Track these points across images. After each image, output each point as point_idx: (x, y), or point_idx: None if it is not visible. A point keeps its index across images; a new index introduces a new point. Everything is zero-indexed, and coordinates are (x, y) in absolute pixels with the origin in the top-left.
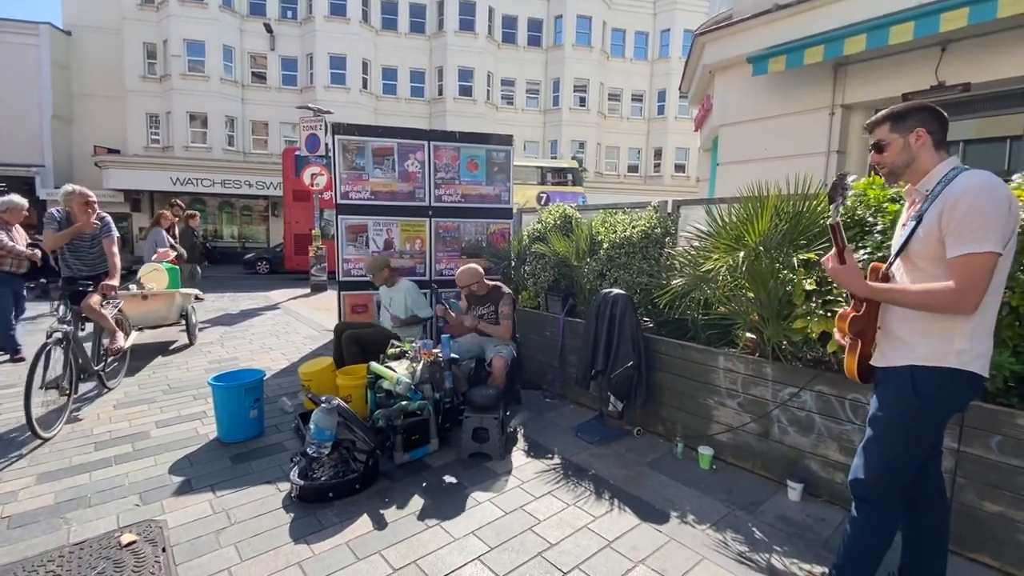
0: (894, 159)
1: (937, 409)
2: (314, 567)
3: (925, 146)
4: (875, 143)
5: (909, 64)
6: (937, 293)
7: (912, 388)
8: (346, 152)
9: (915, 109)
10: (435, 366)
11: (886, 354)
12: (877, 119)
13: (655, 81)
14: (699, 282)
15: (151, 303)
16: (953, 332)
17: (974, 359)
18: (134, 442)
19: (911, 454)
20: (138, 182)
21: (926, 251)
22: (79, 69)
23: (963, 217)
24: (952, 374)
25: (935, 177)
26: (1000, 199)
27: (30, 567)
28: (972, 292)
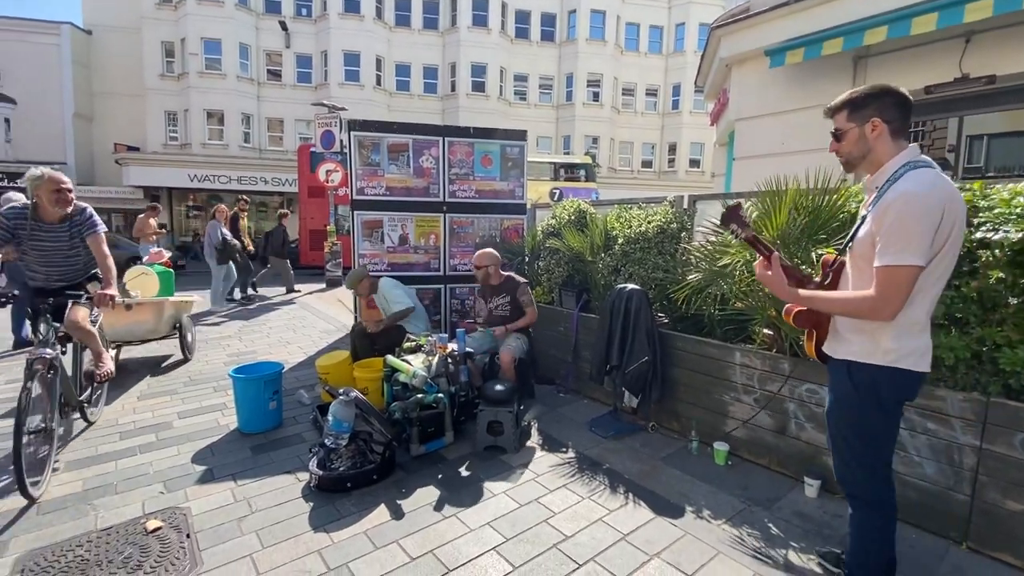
0: (850, 149)
1: (876, 402)
2: (333, 555)
3: (881, 136)
4: (834, 130)
5: (932, 56)
6: (856, 302)
7: (850, 382)
8: (362, 148)
9: (874, 95)
10: (450, 360)
11: (831, 345)
12: (835, 105)
13: (670, 75)
14: (715, 277)
15: (136, 314)
16: (879, 332)
17: (902, 357)
18: (158, 432)
19: (872, 447)
20: (157, 179)
21: (864, 252)
22: (99, 68)
23: (889, 227)
24: (881, 371)
25: (886, 173)
26: (931, 207)
27: (59, 551)
28: (889, 303)
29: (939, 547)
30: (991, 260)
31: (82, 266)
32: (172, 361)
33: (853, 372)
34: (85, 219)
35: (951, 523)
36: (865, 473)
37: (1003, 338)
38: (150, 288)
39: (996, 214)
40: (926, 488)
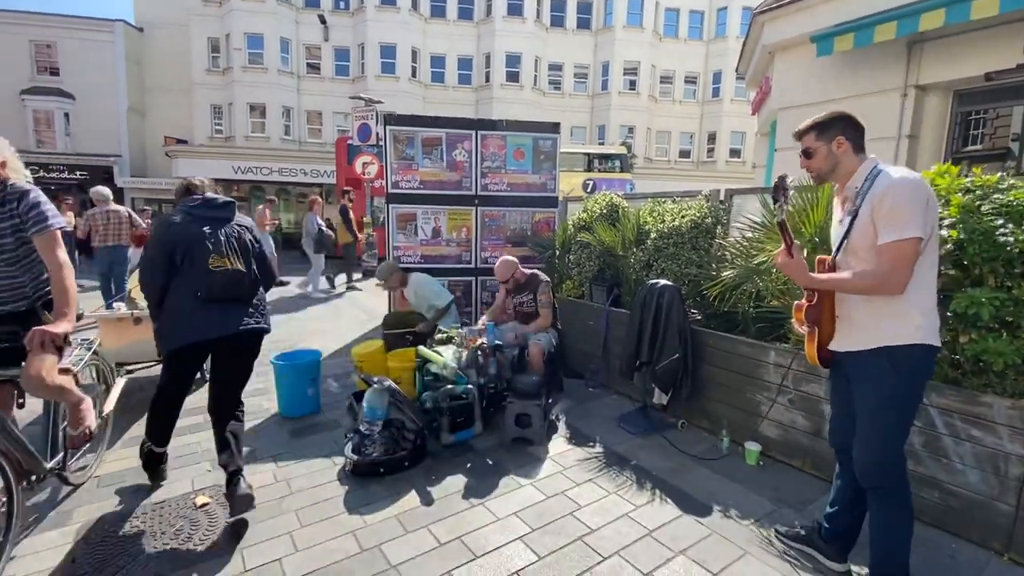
0: (820, 164)
1: (918, 381)
2: (367, 536)
3: (846, 152)
4: (803, 150)
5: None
6: (869, 276)
7: (892, 367)
8: (397, 142)
9: (836, 119)
10: (480, 352)
11: (852, 339)
12: (803, 129)
13: (710, 62)
14: (751, 274)
15: (147, 329)
16: (911, 311)
17: (929, 333)
18: (205, 413)
19: (906, 431)
20: (204, 171)
21: (864, 243)
22: (150, 64)
23: (889, 210)
24: (919, 348)
25: (861, 176)
26: (919, 192)
27: (118, 521)
28: (898, 273)
29: (980, 558)
30: None
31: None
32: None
33: (896, 357)
34: (27, 208)
35: (993, 534)
36: (897, 458)
37: None
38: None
39: None
40: (968, 497)
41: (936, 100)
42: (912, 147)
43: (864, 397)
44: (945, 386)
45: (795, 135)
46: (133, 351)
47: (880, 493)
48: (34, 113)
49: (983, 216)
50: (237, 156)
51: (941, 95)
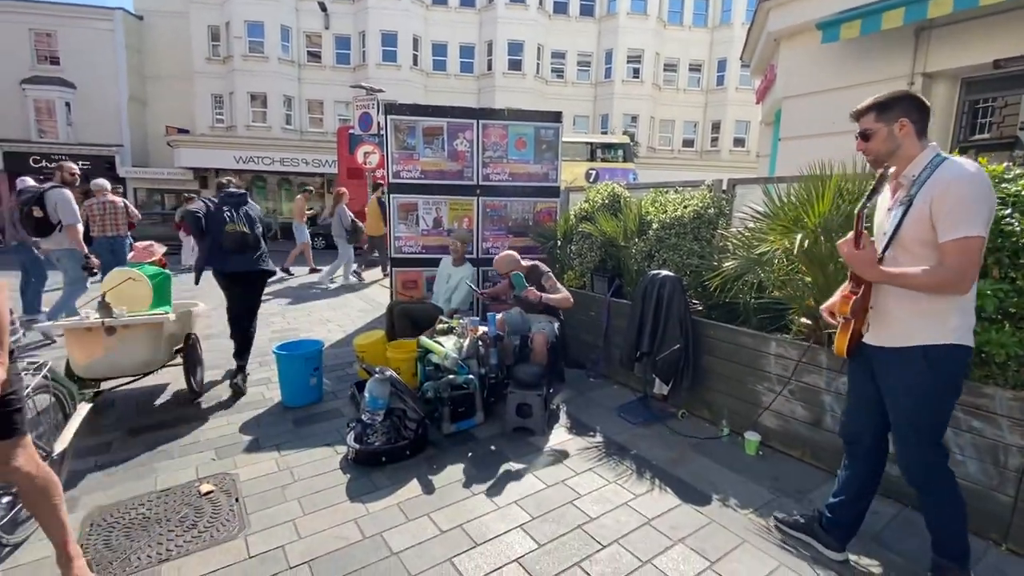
0: (879, 147)
1: (953, 381)
2: (368, 524)
3: (909, 135)
4: (861, 131)
5: (1002, 27)
6: (939, 275)
7: (928, 367)
8: (398, 132)
9: (899, 98)
10: (481, 343)
11: (884, 334)
12: (862, 108)
13: (715, 50)
14: (753, 265)
15: (122, 341)
16: (948, 311)
17: (964, 333)
18: (209, 402)
19: (943, 427)
20: (205, 160)
21: (918, 235)
22: (150, 52)
23: (955, 204)
24: (954, 349)
25: (920, 163)
26: (985, 187)
27: (124, 508)
28: (967, 273)
29: (977, 547)
30: None
31: None
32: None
33: (932, 357)
34: None
35: (992, 524)
36: (937, 454)
37: None
38: (139, 299)
39: None
40: (967, 487)
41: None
42: None
43: (897, 396)
44: None
45: (853, 115)
46: (106, 365)
47: (928, 489)
48: (35, 103)
49: None
50: (238, 146)
51: (948, 83)
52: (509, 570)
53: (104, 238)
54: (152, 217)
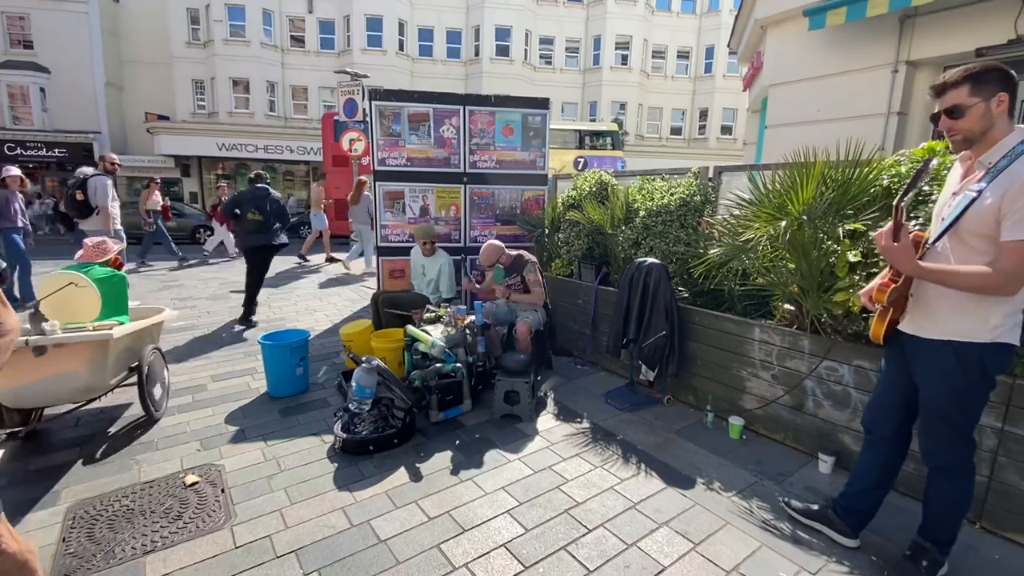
0: (972, 126)
1: (984, 377)
2: (356, 512)
3: (1003, 114)
4: (951, 107)
5: (985, 15)
6: (985, 276)
7: (957, 363)
8: (383, 118)
9: (995, 69)
10: (468, 331)
11: (921, 325)
12: (954, 79)
13: (703, 37)
14: (738, 252)
15: (54, 362)
16: (991, 311)
17: (1006, 332)
18: (193, 394)
19: (975, 419)
20: (187, 148)
21: (979, 228)
22: (128, 36)
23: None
24: (989, 347)
25: (1002, 149)
26: None
27: (107, 501)
28: (1020, 277)
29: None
30: None
31: None
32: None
33: (961, 354)
34: None
35: None
36: (966, 444)
37: None
38: (84, 309)
39: None
40: None
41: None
42: (901, 124)
43: (930, 388)
44: None
45: (935, 88)
46: (36, 393)
47: (944, 473)
48: (8, 88)
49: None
50: (221, 133)
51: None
52: (496, 555)
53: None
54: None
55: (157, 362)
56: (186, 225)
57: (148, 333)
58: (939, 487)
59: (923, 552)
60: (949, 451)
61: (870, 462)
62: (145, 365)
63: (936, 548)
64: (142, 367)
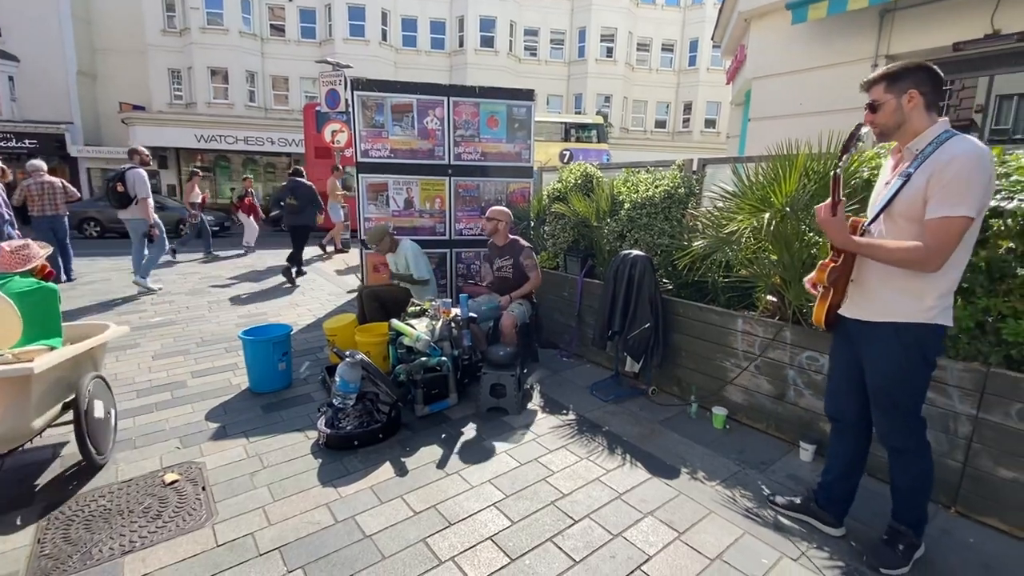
0: (887, 120)
1: (923, 357)
2: (341, 508)
3: (917, 108)
4: (870, 102)
5: (962, 10)
6: (910, 250)
7: (899, 343)
8: (365, 109)
9: (911, 69)
10: (453, 324)
11: (862, 307)
12: (873, 78)
13: (687, 30)
14: (721, 244)
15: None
16: (925, 291)
17: (940, 313)
18: (172, 390)
19: (921, 399)
20: (164, 139)
21: (908, 210)
22: (100, 24)
23: (949, 181)
24: (926, 328)
25: (927, 138)
26: (985, 169)
27: (83, 501)
28: (941, 253)
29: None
30: (1002, 229)
31: None
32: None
33: (901, 332)
34: None
35: (942, 489)
36: (917, 423)
37: (1008, 309)
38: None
39: (1012, 182)
40: None
41: None
42: None
43: (875, 370)
44: None
45: (863, 85)
46: None
47: (903, 455)
48: None
49: None
50: (199, 123)
51: None
52: (483, 548)
53: (43, 217)
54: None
55: (100, 393)
56: (169, 219)
57: (87, 358)
58: (900, 468)
59: (899, 535)
60: (902, 433)
61: (840, 450)
62: (84, 399)
63: (911, 531)
64: (79, 402)
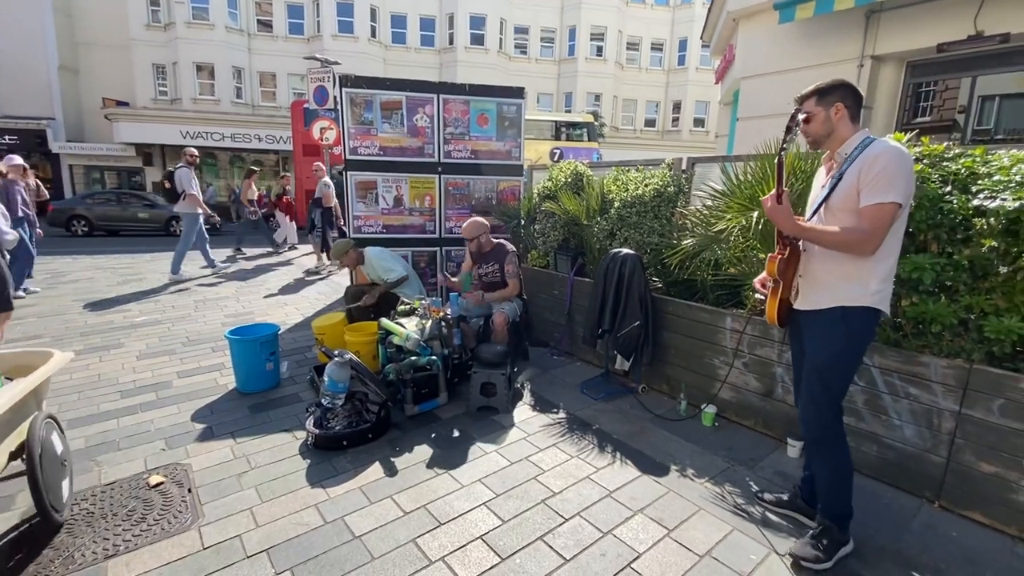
0: (817, 129)
1: (861, 342)
2: (330, 509)
3: (843, 119)
4: (805, 114)
5: (946, 12)
6: (848, 233)
7: (844, 326)
8: (354, 106)
9: (837, 86)
10: (443, 323)
11: (811, 298)
12: (805, 94)
13: (676, 29)
14: (710, 243)
15: None
16: (869, 276)
17: (882, 299)
18: (158, 391)
19: (845, 388)
20: (148, 135)
21: (844, 204)
22: (82, 17)
23: (877, 174)
24: (869, 312)
25: (852, 144)
26: (906, 163)
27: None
28: (876, 235)
29: (912, 505)
30: (985, 228)
31: None
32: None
33: (849, 317)
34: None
35: (925, 483)
36: (835, 413)
37: (991, 306)
38: None
39: (995, 181)
40: (904, 450)
41: (890, 71)
42: (865, 117)
43: (814, 354)
44: (886, 347)
45: (797, 99)
46: None
47: (822, 445)
48: None
49: (930, 184)
50: (185, 120)
51: (895, 66)
52: (473, 547)
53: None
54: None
55: (47, 438)
56: (159, 216)
57: (31, 399)
58: (820, 461)
59: (826, 531)
60: (822, 423)
61: None
62: (37, 447)
63: (835, 526)
64: (32, 450)
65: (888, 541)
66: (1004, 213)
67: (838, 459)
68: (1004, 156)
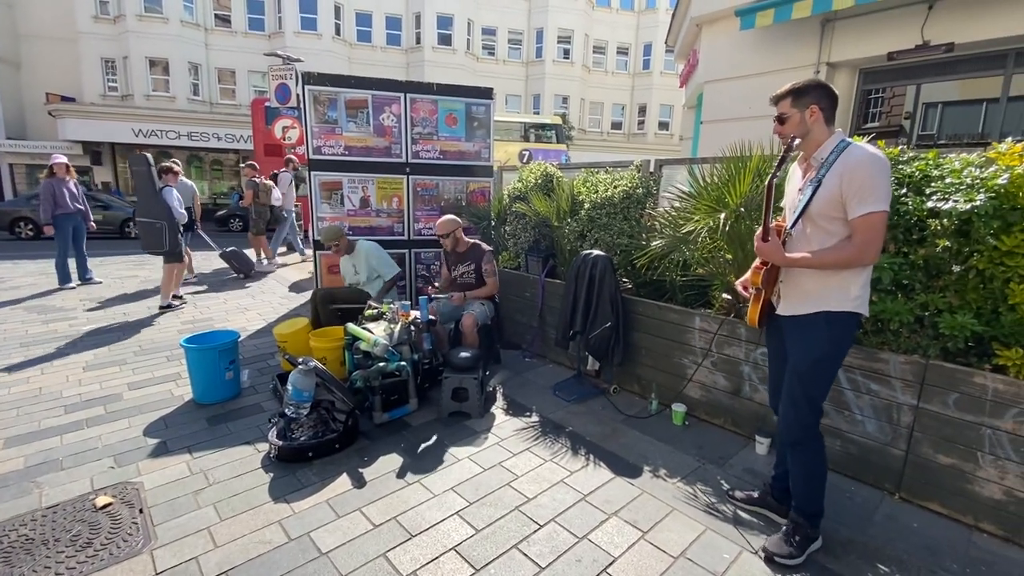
0: (791, 131)
1: (843, 346)
2: (294, 525)
3: (818, 121)
4: (778, 115)
5: (896, 22)
6: (846, 251)
7: (828, 331)
8: (317, 104)
9: (812, 87)
10: (413, 328)
11: (795, 304)
12: (780, 93)
13: (641, 34)
14: (679, 244)
15: None
16: (850, 283)
17: (862, 303)
18: (106, 404)
19: (827, 391)
20: (97, 133)
21: (827, 211)
22: (24, 7)
23: (863, 183)
24: (851, 317)
25: (828, 147)
26: (886, 168)
27: (2, 531)
28: (874, 245)
29: (874, 497)
30: (939, 229)
31: None
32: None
33: (832, 323)
34: None
35: (886, 476)
36: (816, 416)
37: (944, 304)
38: None
39: (947, 184)
40: (865, 444)
41: (844, 78)
42: None
43: (797, 359)
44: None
45: (772, 99)
46: None
47: (800, 447)
48: None
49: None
50: (137, 117)
51: (848, 73)
52: (446, 559)
53: None
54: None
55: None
56: (113, 219)
57: None
58: (798, 461)
59: (797, 527)
60: (802, 425)
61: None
62: None
63: (807, 522)
64: None
65: (853, 534)
66: (956, 214)
67: (815, 460)
68: (955, 160)
